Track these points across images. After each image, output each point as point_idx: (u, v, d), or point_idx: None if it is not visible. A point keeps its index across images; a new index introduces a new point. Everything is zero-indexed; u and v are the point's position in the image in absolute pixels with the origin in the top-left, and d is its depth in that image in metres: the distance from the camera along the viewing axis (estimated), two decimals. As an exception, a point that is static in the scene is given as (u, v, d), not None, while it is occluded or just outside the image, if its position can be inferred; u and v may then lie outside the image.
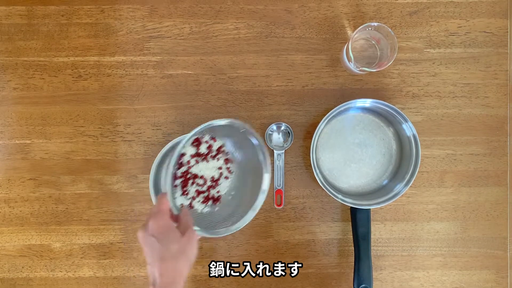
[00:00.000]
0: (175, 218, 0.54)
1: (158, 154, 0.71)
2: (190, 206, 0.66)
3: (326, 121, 0.70)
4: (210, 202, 0.68)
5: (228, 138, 0.68)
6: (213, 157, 0.67)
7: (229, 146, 0.69)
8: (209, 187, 0.67)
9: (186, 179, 0.65)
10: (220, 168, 0.68)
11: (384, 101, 0.69)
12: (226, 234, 0.59)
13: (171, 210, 0.53)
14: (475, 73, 0.75)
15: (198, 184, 0.66)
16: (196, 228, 0.54)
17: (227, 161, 0.69)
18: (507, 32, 0.75)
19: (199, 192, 0.67)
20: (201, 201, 0.67)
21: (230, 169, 0.69)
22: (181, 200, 0.66)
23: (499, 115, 0.75)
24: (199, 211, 0.67)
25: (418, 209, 0.75)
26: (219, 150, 0.67)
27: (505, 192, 0.76)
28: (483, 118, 0.75)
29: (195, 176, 0.66)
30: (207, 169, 0.67)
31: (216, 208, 0.68)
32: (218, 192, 0.68)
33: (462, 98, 0.75)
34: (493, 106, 0.75)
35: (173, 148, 0.71)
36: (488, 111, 0.75)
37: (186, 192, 0.65)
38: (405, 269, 0.76)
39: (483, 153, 0.75)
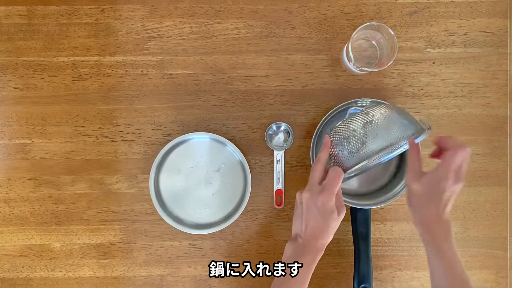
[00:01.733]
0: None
1: (158, 154, 0.71)
2: None
3: (326, 121, 0.70)
4: None
5: None
6: None
7: None
8: None
9: None
10: None
11: (384, 101, 0.69)
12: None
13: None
14: (475, 73, 0.75)
15: None
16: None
17: None
18: (507, 32, 0.75)
19: None
20: None
21: None
22: None
23: (499, 115, 0.75)
24: None
25: (418, 209, 0.75)
26: None
27: (505, 192, 0.76)
28: (483, 118, 0.75)
29: None
30: None
31: None
32: None
33: (462, 98, 0.75)
34: (493, 106, 0.75)
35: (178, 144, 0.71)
36: (488, 111, 0.75)
37: None
38: (405, 269, 0.76)
39: (483, 153, 0.75)
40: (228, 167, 0.73)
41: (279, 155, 0.74)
